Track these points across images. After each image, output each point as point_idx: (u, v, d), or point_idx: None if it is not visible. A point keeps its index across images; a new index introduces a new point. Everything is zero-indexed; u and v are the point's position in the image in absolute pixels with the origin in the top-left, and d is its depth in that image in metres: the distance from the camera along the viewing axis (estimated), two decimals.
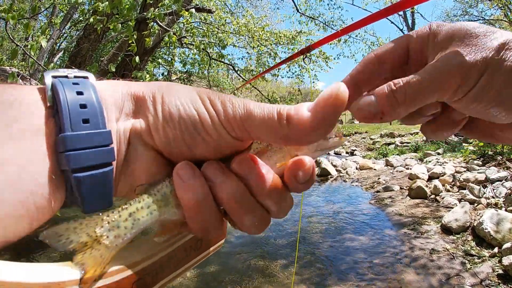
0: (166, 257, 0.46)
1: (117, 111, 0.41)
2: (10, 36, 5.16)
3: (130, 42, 4.51)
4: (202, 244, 0.54)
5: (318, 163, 14.31)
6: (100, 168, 0.38)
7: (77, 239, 0.38)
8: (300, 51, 2.57)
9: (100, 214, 0.40)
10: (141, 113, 0.42)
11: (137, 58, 4.64)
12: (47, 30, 4.31)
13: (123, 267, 0.40)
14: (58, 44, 12.71)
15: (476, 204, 6.74)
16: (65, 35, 13.36)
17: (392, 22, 23.27)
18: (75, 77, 0.40)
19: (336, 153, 24.73)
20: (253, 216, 0.44)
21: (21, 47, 4.66)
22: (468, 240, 5.54)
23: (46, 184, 0.35)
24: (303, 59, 2.54)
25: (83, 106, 0.37)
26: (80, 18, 11.91)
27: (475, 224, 5.68)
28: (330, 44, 13.24)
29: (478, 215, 6.10)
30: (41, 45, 4.03)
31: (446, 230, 6.04)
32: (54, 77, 0.39)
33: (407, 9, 22.10)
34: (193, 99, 0.42)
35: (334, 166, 14.28)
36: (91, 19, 4.45)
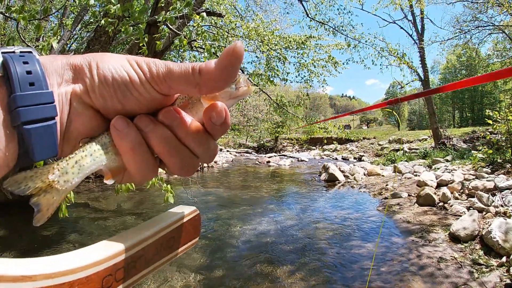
0: (137, 254, 0.50)
1: (58, 77, 0.48)
2: (21, 36, 5.20)
3: (141, 45, 4.53)
4: (174, 242, 0.58)
5: (326, 168, 14.27)
6: (46, 121, 0.44)
7: (34, 185, 0.45)
8: (388, 101, 2.64)
9: (52, 164, 0.47)
10: (80, 78, 0.48)
11: None
12: (58, 31, 4.35)
13: (93, 262, 0.43)
14: (68, 45, 12.78)
15: (484, 213, 6.69)
16: (75, 36, 13.45)
17: (401, 28, 23.07)
18: (20, 52, 0.47)
19: (344, 159, 24.70)
20: (181, 158, 0.51)
21: (31, 47, 4.69)
22: (476, 249, 5.50)
23: (1, 138, 0.42)
24: (392, 109, 2.64)
25: (28, 72, 0.44)
26: (91, 20, 11.98)
27: (483, 233, 5.64)
28: (340, 49, 13.17)
29: (486, 224, 6.05)
30: (51, 46, 4.06)
31: (454, 238, 6.00)
32: (3, 53, 0.45)
33: (417, 15, 22.00)
34: (123, 63, 0.49)
35: (342, 171, 14.26)
36: (102, 21, 4.48)
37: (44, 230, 7.23)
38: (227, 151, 31.87)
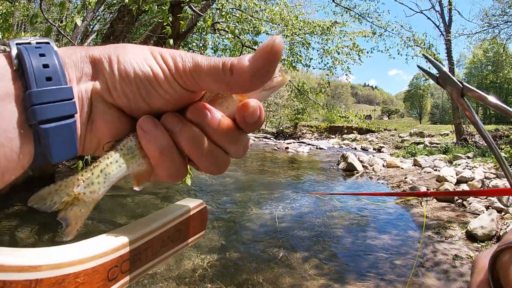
0: (143, 246, 0.50)
1: (77, 71, 0.44)
2: (44, 15, 5.23)
3: (165, 24, 4.52)
4: (181, 235, 0.59)
5: (345, 158, 14.19)
6: (64, 119, 0.42)
7: (60, 200, 0.43)
8: (417, 192, 2.62)
9: (76, 175, 0.45)
10: (100, 74, 0.45)
11: (171, 41, 4.66)
12: (81, 11, 4.37)
13: (99, 253, 0.43)
14: (91, 26, 12.91)
15: (503, 213, 6.59)
16: (98, 17, 13.57)
17: (428, 18, 22.44)
18: (37, 43, 0.44)
19: (363, 149, 24.51)
20: (212, 157, 0.48)
21: (55, 25, 4.73)
22: None
23: (15, 138, 0.39)
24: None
25: (45, 66, 0.41)
26: (114, 1, 12.05)
27: (501, 234, 5.56)
28: (364, 36, 12.96)
29: (504, 225, 5.96)
30: (75, 24, 4.08)
31: (471, 237, 5.92)
32: (18, 44, 0.42)
33: (445, 6, 21.40)
34: (146, 57, 0.46)
35: (361, 162, 14.16)
36: (127, 0, 4.48)
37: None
38: None
